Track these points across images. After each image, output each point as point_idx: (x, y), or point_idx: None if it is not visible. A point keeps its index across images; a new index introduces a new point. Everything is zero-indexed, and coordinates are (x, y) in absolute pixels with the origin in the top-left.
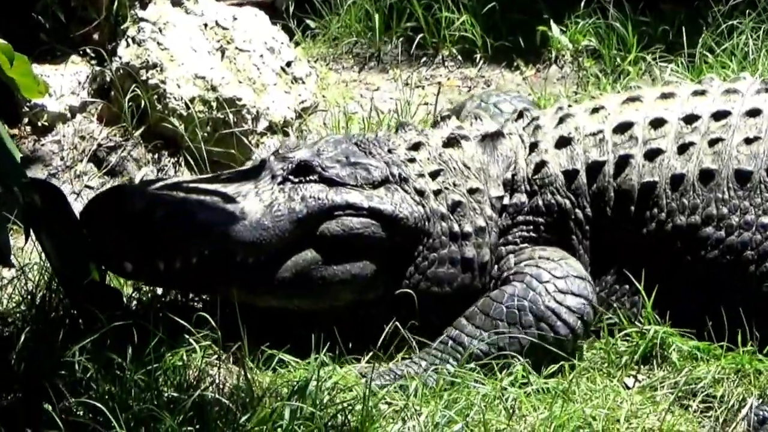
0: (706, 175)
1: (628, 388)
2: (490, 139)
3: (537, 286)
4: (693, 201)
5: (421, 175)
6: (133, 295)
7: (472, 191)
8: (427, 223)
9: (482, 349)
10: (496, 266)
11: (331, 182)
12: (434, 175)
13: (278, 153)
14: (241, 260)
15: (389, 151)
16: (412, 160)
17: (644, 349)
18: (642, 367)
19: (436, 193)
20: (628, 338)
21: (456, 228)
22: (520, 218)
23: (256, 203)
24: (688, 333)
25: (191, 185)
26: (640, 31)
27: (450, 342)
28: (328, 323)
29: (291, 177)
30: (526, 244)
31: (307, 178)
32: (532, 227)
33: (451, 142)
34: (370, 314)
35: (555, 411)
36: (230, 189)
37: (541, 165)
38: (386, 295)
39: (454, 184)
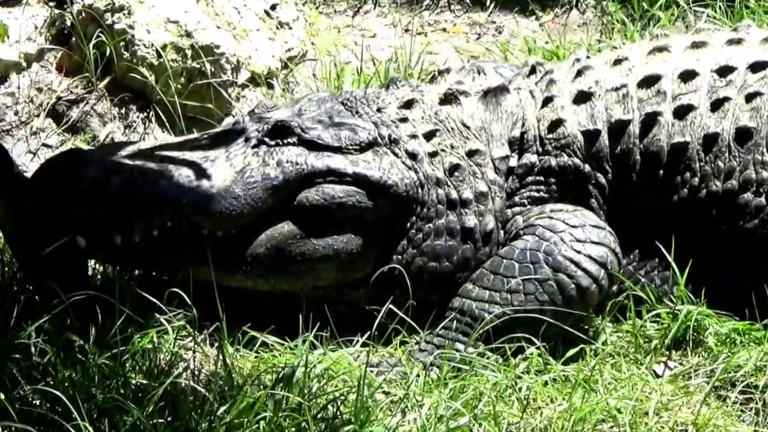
0: (744, 134)
1: (658, 376)
2: (493, 94)
3: (551, 236)
4: (729, 164)
5: (414, 136)
6: (97, 266)
7: (471, 153)
8: (420, 191)
9: (495, 313)
10: (502, 231)
11: (312, 145)
12: (429, 135)
13: (254, 113)
14: (209, 233)
15: (378, 110)
16: (404, 120)
17: (676, 332)
18: (674, 352)
19: (432, 155)
20: (657, 319)
21: (454, 194)
22: (530, 179)
23: (226, 169)
24: (726, 314)
25: (154, 150)
26: None
27: (457, 315)
28: (312, 305)
29: (266, 139)
30: (535, 204)
31: (285, 141)
32: (543, 187)
33: (449, 98)
34: (360, 295)
35: (575, 402)
36: (198, 154)
37: (557, 123)
38: (376, 272)
39: (452, 146)
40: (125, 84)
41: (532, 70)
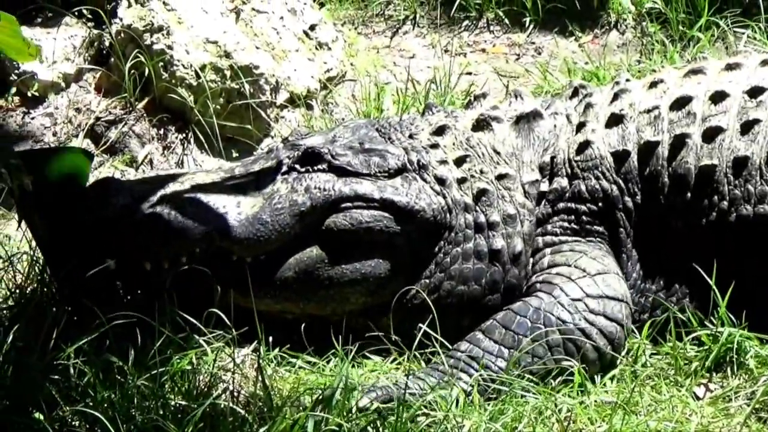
0: None
1: (698, 398)
2: (526, 120)
3: (567, 303)
4: (760, 188)
5: (444, 162)
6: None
7: (501, 177)
8: (448, 215)
9: (501, 367)
10: (531, 260)
11: (341, 171)
12: (459, 161)
13: (287, 140)
14: (237, 259)
15: (411, 136)
16: (435, 146)
17: (717, 355)
18: (714, 374)
19: (460, 181)
20: (697, 342)
21: (482, 219)
22: (561, 205)
23: (255, 196)
24: (767, 336)
25: (185, 179)
26: None
27: (462, 356)
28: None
29: (296, 166)
30: (565, 237)
31: (315, 168)
32: (573, 217)
33: (481, 124)
34: (389, 319)
35: (615, 424)
36: (228, 182)
37: (584, 145)
38: (405, 296)
39: (482, 171)
40: (164, 104)
41: (575, 93)
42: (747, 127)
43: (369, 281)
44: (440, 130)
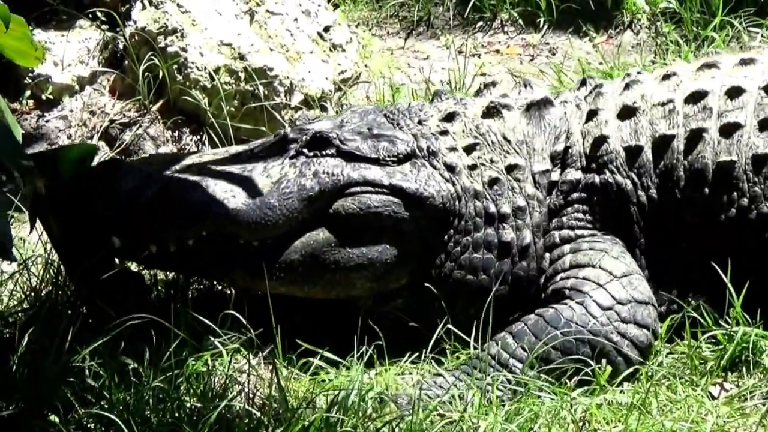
0: None
1: (714, 398)
2: (536, 107)
3: (598, 314)
4: None
5: (454, 149)
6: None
7: (510, 168)
8: (457, 203)
9: (529, 375)
10: (548, 254)
11: (350, 156)
12: (469, 149)
13: (296, 125)
14: (244, 243)
15: (420, 122)
16: (445, 133)
17: (732, 354)
18: (729, 374)
19: (471, 168)
20: (713, 341)
21: (492, 208)
22: (575, 196)
23: (263, 179)
24: None
25: (193, 161)
26: None
27: (492, 362)
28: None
29: (305, 150)
30: (582, 231)
31: (323, 152)
32: (588, 209)
33: (491, 112)
34: (397, 305)
35: (631, 424)
36: (237, 165)
37: (600, 141)
38: (413, 284)
39: (491, 161)
40: (178, 107)
41: (582, 83)
42: (765, 124)
43: (375, 266)
44: (450, 117)
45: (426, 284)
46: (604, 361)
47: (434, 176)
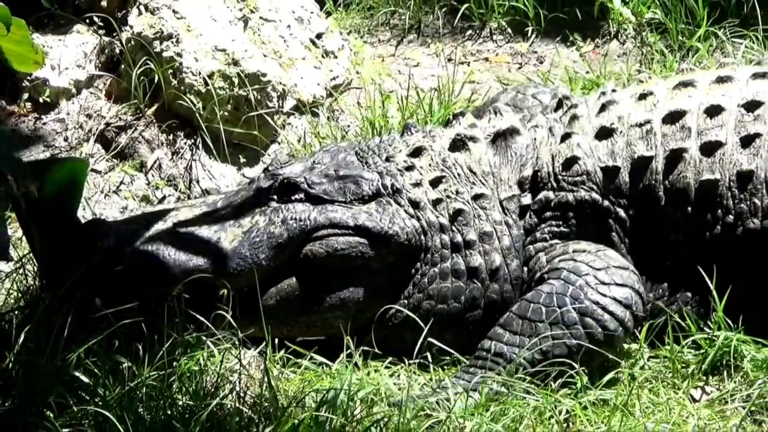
0: None
1: (695, 401)
2: (503, 137)
3: (576, 280)
4: None
5: (419, 185)
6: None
7: (476, 197)
8: (423, 237)
9: (526, 357)
10: (525, 268)
11: (318, 200)
12: (435, 183)
13: (268, 170)
14: (220, 290)
15: (387, 158)
16: (411, 168)
17: (713, 358)
18: (710, 377)
19: (435, 203)
20: (695, 346)
21: (458, 238)
22: (548, 214)
23: (235, 230)
24: (763, 341)
25: (169, 217)
26: (711, 3)
27: (488, 356)
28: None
29: (274, 197)
30: (556, 240)
31: (292, 198)
32: (561, 221)
33: (458, 144)
34: (372, 338)
35: (614, 426)
36: (210, 216)
37: (572, 161)
38: (385, 316)
39: (458, 192)
40: (173, 111)
41: (559, 105)
42: (748, 141)
43: (349, 306)
44: (417, 152)
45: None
46: (591, 321)
47: (399, 213)
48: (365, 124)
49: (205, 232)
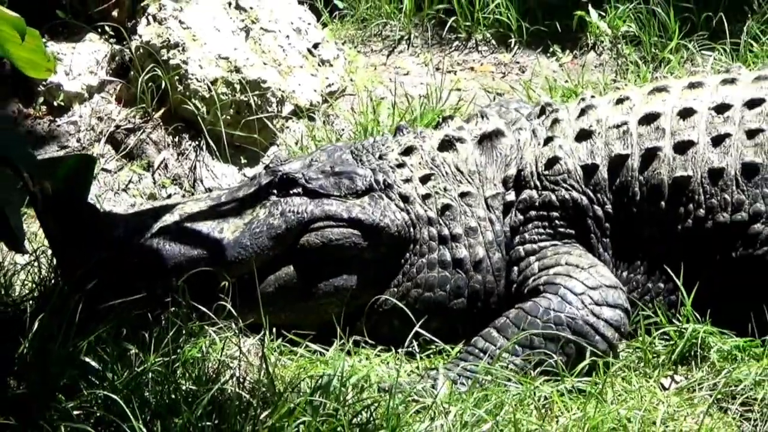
0: (751, 169)
1: (665, 389)
2: (489, 139)
3: (573, 300)
4: (738, 197)
5: (409, 181)
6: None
7: (463, 195)
8: (412, 230)
9: (517, 364)
10: (515, 267)
11: (314, 194)
12: (424, 179)
13: (268, 167)
14: (223, 279)
15: (380, 156)
16: (402, 165)
17: (682, 349)
18: (680, 367)
19: (425, 197)
20: (665, 337)
21: (445, 231)
22: (533, 213)
23: (237, 221)
24: (729, 333)
25: (176, 210)
26: (682, 18)
27: (480, 354)
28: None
29: (274, 191)
30: (544, 243)
31: (291, 192)
32: (546, 223)
33: (446, 145)
34: (362, 324)
35: (588, 412)
36: (214, 210)
37: (553, 161)
38: (376, 303)
39: (445, 189)
40: (178, 114)
41: (542, 111)
42: (718, 140)
43: (342, 293)
44: (408, 151)
45: (384, 305)
46: (584, 341)
47: (390, 207)
48: (358, 128)
49: (209, 223)
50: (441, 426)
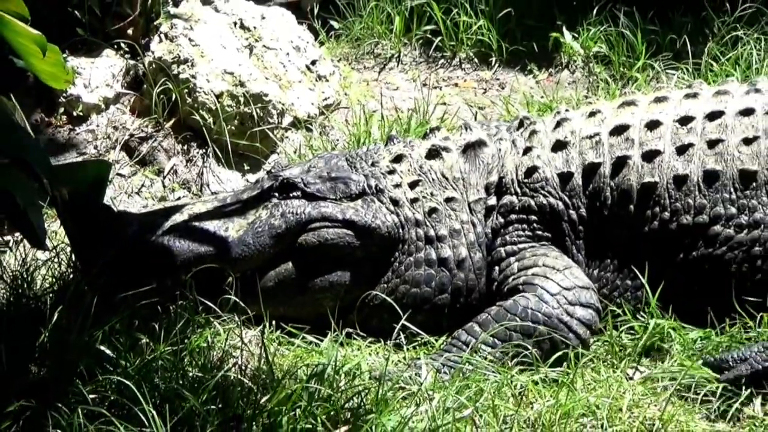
0: (711, 176)
1: (631, 378)
2: (472, 148)
3: (549, 300)
4: (700, 201)
5: (398, 186)
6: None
7: (448, 200)
8: (401, 230)
9: (497, 356)
10: (497, 267)
11: (312, 197)
12: (413, 185)
13: (270, 172)
14: (228, 275)
15: (372, 164)
16: (392, 172)
17: (646, 342)
18: (644, 359)
19: (413, 201)
20: (632, 331)
21: (431, 232)
22: (513, 217)
23: (241, 221)
24: (689, 326)
25: (186, 210)
26: (648, 39)
27: (463, 347)
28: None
29: (275, 194)
30: (523, 244)
31: (290, 195)
32: (525, 225)
33: (433, 153)
34: (354, 317)
35: (561, 399)
36: (220, 210)
37: (532, 170)
38: (366, 298)
39: (432, 194)
40: (187, 124)
41: (521, 124)
42: (682, 149)
43: (336, 288)
44: (398, 159)
45: (374, 299)
46: (558, 337)
47: (381, 210)
48: (352, 138)
49: (215, 222)
50: (425, 411)
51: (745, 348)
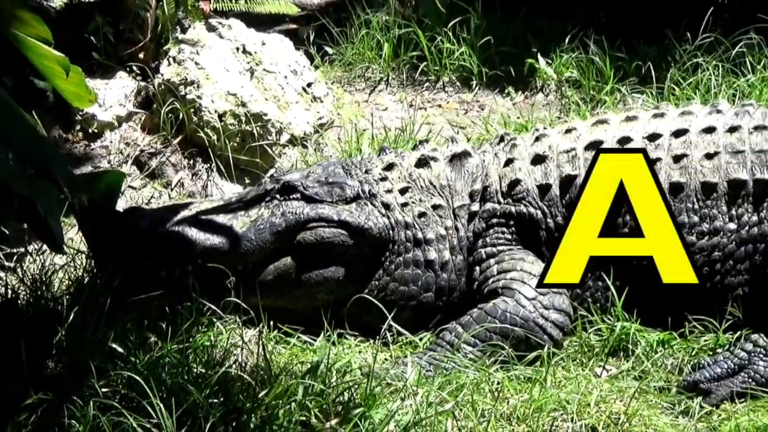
0: (676, 188)
1: (598, 376)
2: (458, 158)
3: (526, 304)
4: None
5: (390, 191)
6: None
7: (435, 206)
8: (391, 232)
9: (477, 354)
10: (477, 267)
11: (310, 199)
12: (403, 191)
13: (273, 176)
14: (231, 268)
15: (366, 171)
16: (384, 179)
17: (613, 342)
18: (610, 358)
19: (403, 206)
20: (599, 333)
21: (419, 235)
22: (494, 221)
23: (244, 219)
24: (652, 329)
25: (194, 208)
26: (616, 65)
27: (447, 346)
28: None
29: (277, 196)
30: (502, 247)
31: (291, 197)
32: (505, 229)
33: (421, 162)
34: (345, 312)
35: (534, 394)
36: (225, 209)
37: (515, 183)
38: (358, 293)
39: (420, 200)
40: (193, 141)
41: (501, 139)
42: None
43: (330, 283)
44: (389, 167)
45: (366, 295)
46: (533, 339)
47: (373, 212)
48: (344, 155)
49: (220, 219)
50: (410, 405)
51: (712, 363)
